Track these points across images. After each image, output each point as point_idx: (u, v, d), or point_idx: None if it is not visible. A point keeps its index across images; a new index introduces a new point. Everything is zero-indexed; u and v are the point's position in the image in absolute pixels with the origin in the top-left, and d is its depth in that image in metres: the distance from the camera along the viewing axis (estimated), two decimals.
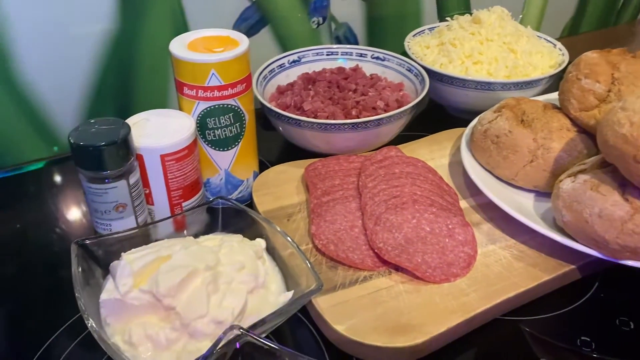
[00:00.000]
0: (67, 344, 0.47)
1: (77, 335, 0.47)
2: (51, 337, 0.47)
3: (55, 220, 0.62)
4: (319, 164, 0.63)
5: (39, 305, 0.51)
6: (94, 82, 0.70)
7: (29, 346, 0.46)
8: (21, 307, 0.51)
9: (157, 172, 0.52)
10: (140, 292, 0.41)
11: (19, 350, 0.46)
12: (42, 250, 0.57)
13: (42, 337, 0.47)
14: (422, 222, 0.53)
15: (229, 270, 0.44)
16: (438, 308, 0.46)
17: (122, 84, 0.72)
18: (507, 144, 0.57)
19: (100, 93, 0.71)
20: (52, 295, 0.52)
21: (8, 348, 0.47)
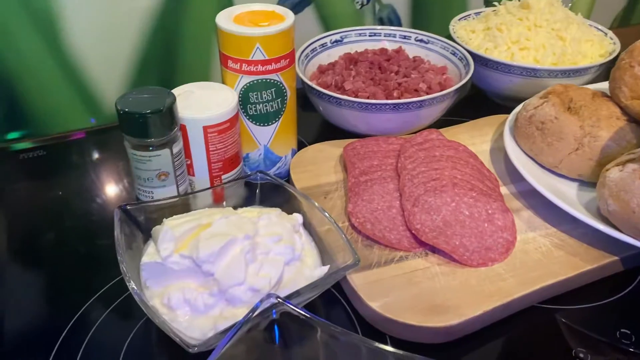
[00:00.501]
0: (103, 309, 0.48)
1: (113, 300, 0.48)
2: (88, 302, 0.48)
3: (96, 189, 0.63)
4: (358, 144, 0.62)
5: (77, 271, 0.52)
6: (139, 54, 0.71)
7: (67, 311, 0.48)
8: (60, 273, 0.52)
9: (199, 144, 0.53)
10: (180, 257, 0.42)
11: (56, 314, 0.47)
12: (82, 218, 0.58)
13: (78, 302, 0.48)
14: (462, 205, 0.53)
15: (267, 241, 0.44)
16: (474, 291, 0.46)
17: (166, 57, 0.73)
18: (553, 130, 0.56)
19: (145, 65, 0.72)
20: (91, 261, 0.53)
21: (47, 311, 0.48)
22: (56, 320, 0.47)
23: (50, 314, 0.48)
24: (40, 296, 0.49)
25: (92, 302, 0.48)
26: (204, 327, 0.41)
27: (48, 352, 0.44)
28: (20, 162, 0.67)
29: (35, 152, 0.69)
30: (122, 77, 0.72)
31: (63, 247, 0.55)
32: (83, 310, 0.48)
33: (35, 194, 0.62)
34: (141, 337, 0.45)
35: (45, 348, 0.44)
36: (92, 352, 0.44)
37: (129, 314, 0.47)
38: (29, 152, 0.69)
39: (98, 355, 0.44)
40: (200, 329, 0.40)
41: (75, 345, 0.44)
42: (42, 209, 0.60)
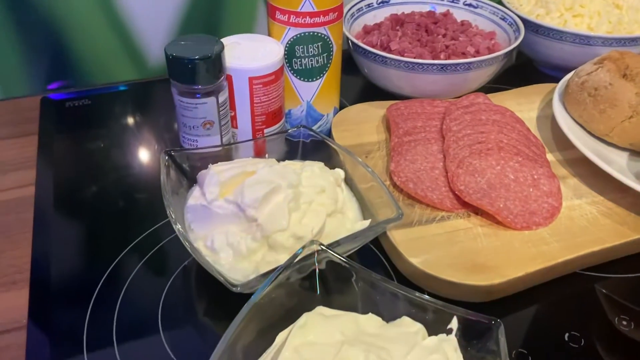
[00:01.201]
0: (141, 256, 0.49)
1: (152, 247, 0.49)
2: (125, 250, 0.49)
3: (138, 141, 0.64)
4: (402, 105, 0.61)
5: (116, 220, 0.53)
6: (185, 6, 0.71)
7: (106, 258, 0.48)
8: (100, 222, 0.52)
9: (243, 95, 0.53)
10: (225, 201, 0.42)
11: (96, 261, 0.48)
12: (123, 169, 0.59)
13: (117, 250, 0.49)
14: (507, 169, 0.52)
15: (309, 191, 0.44)
16: (517, 253, 0.45)
17: (212, 9, 0.73)
18: (606, 97, 0.54)
19: (191, 17, 0.72)
20: (130, 211, 0.54)
21: (87, 258, 0.49)
22: (95, 268, 0.47)
23: (90, 261, 0.48)
24: (81, 243, 0.50)
25: (129, 250, 0.49)
26: (246, 270, 0.41)
27: (89, 295, 0.45)
28: (66, 110, 0.68)
29: (80, 101, 0.70)
30: (167, 29, 0.72)
31: (104, 197, 0.55)
32: (121, 257, 0.48)
33: (79, 143, 0.63)
34: (179, 284, 0.46)
35: (87, 292, 0.45)
36: (131, 296, 0.45)
37: (167, 262, 0.48)
38: (74, 101, 0.70)
39: (138, 298, 0.45)
40: (242, 272, 0.41)
41: (115, 290, 0.45)
42: (85, 159, 0.61)
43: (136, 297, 0.45)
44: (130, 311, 0.44)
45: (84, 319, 0.43)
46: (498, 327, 0.34)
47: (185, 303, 0.45)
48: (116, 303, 0.44)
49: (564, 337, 0.42)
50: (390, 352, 0.32)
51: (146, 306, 0.44)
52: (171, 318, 0.43)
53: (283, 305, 0.38)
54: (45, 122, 0.66)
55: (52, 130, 0.65)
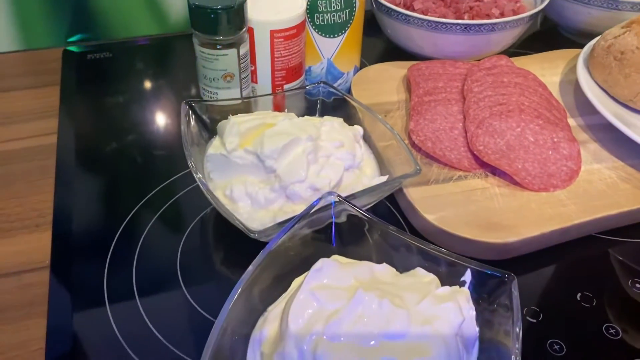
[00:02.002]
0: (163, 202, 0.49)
1: (171, 197, 0.50)
2: (151, 193, 0.50)
3: (158, 94, 0.64)
4: (423, 66, 0.61)
5: (135, 173, 0.53)
6: None
7: (124, 208, 0.49)
8: (119, 174, 0.53)
9: (264, 48, 0.53)
10: (245, 152, 0.43)
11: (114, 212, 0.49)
12: (142, 122, 0.60)
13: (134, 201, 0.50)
14: (527, 131, 0.51)
15: (328, 145, 0.44)
16: (534, 213, 0.45)
17: None
18: (632, 61, 0.53)
19: None
20: (149, 162, 0.55)
21: (107, 206, 0.50)
22: (115, 216, 0.48)
23: (110, 209, 0.49)
24: (101, 192, 0.51)
25: (147, 200, 0.50)
26: (264, 219, 0.42)
27: (110, 241, 0.46)
28: (87, 62, 0.69)
29: (102, 53, 0.70)
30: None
31: (124, 148, 0.56)
32: (140, 206, 0.49)
33: (100, 94, 0.63)
34: (197, 234, 0.47)
35: (107, 238, 0.46)
36: (150, 244, 0.46)
37: (185, 212, 0.49)
38: (95, 54, 0.70)
39: (156, 247, 0.46)
40: (260, 221, 0.42)
41: (134, 238, 0.46)
42: (106, 110, 0.61)
43: (154, 245, 0.46)
44: (149, 259, 0.45)
45: (104, 263, 0.44)
46: (512, 281, 0.35)
47: (203, 253, 0.46)
48: (135, 250, 0.45)
49: (576, 296, 0.43)
50: (403, 298, 0.32)
51: (165, 254, 0.45)
52: (189, 266, 0.44)
53: (299, 255, 0.38)
54: (67, 74, 0.67)
55: (74, 81, 0.65)
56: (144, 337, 0.39)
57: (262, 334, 0.33)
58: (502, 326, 0.34)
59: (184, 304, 0.41)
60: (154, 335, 0.39)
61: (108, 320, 0.40)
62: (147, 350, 0.38)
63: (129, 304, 0.41)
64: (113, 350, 0.38)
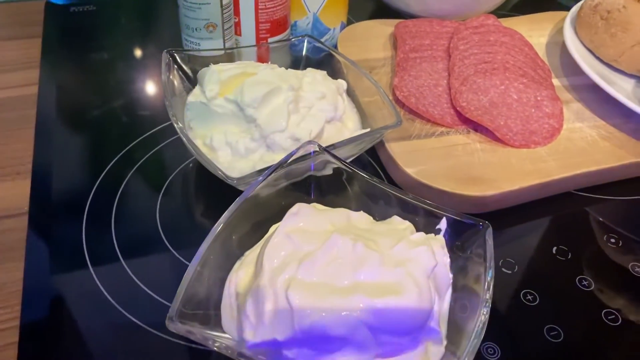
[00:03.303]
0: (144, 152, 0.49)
1: (157, 144, 0.50)
2: (130, 145, 0.50)
3: (141, 46, 0.63)
4: (411, 23, 0.60)
5: (117, 123, 0.53)
6: None
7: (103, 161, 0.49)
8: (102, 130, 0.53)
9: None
10: (225, 100, 0.42)
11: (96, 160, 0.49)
12: (124, 75, 0.59)
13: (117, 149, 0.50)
14: (511, 89, 0.51)
15: (310, 96, 0.44)
16: (513, 169, 0.46)
17: None
18: (619, 20, 0.53)
19: None
20: (130, 114, 0.54)
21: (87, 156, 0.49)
22: (95, 167, 0.48)
23: (89, 160, 0.49)
24: (82, 143, 0.50)
25: (127, 151, 0.49)
26: (244, 169, 0.42)
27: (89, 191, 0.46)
28: (70, 15, 0.68)
29: (85, 6, 0.69)
30: None
31: (105, 101, 0.55)
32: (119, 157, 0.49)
33: (82, 47, 0.62)
34: (177, 185, 0.47)
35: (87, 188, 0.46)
36: (129, 196, 0.46)
37: (165, 164, 0.48)
38: (79, 6, 0.69)
39: (136, 198, 0.46)
40: (240, 170, 0.41)
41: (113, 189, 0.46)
42: (88, 63, 0.60)
43: (134, 195, 0.46)
44: (129, 208, 0.45)
45: (83, 212, 0.44)
46: (486, 229, 0.35)
47: (183, 203, 0.45)
48: (114, 200, 0.45)
49: (552, 250, 0.43)
50: (377, 243, 0.33)
51: (144, 205, 0.45)
52: (169, 216, 0.44)
53: (278, 204, 0.38)
54: (49, 26, 0.66)
55: (56, 34, 0.64)
56: (123, 283, 0.39)
57: (238, 276, 0.34)
58: (475, 274, 0.35)
59: (165, 253, 0.41)
60: (133, 282, 0.39)
61: (87, 267, 0.40)
62: (127, 296, 0.38)
63: (108, 253, 0.41)
64: (92, 296, 0.38)
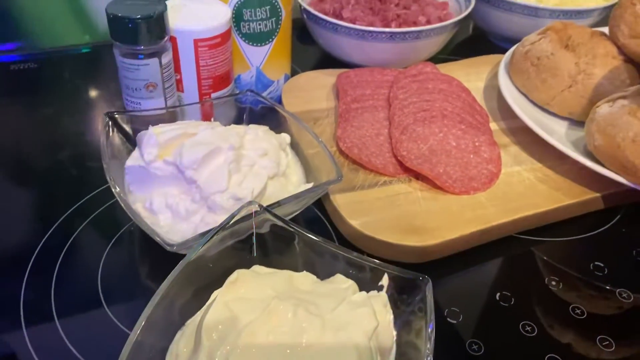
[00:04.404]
0: (87, 215, 0.48)
1: (98, 207, 0.49)
2: (72, 208, 0.49)
3: (88, 105, 0.63)
4: (352, 73, 0.62)
5: (63, 185, 0.52)
6: None
7: (48, 220, 0.48)
8: (47, 187, 0.52)
9: (189, 57, 0.52)
10: (164, 163, 0.42)
11: (37, 224, 0.48)
12: (67, 134, 0.58)
13: (63, 209, 0.49)
14: (449, 136, 0.53)
15: (251, 154, 0.44)
16: (454, 216, 0.47)
17: None
18: (548, 66, 0.55)
19: None
20: (76, 175, 0.53)
21: (28, 222, 0.48)
22: (35, 231, 0.47)
23: (30, 224, 0.48)
24: (22, 206, 0.49)
25: (74, 210, 0.49)
26: (185, 232, 0.41)
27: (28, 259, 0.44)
28: (11, 73, 0.67)
29: (27, 64, 0.68)
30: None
31: (48, 161, 0.54)
32: (62, 219, 0.48)
33: (24, 106, 0.61)
34: (122, 244, 0.46)
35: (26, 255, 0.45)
36: (73, 255, 0.45)
37: (109, 225, 0.48)
38: (20, 64, 0.68)
39: (78, 263, 0.45)
40: (181, 233, 0.41)
41: (54, 254, 0.45)
42: (29, 122, 0.59)
43: (76, 258, 0.45)
44: (70, 272, 0.43)
45: (23, 276, 0.42)
46: (426, 284, 0.35)
47: (126, 266, 0.45)
48: (56, 264, 0.44)
49: (496, 296, 0.44)
50: (319, 306, 0.32)
51: (86, 269, 0.44)
52: (111, 281, 0.43)
53: (221, 267, 0.38)
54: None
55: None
56: (59, 352, 0.38)
57: (179, 348, 0.33)
58: (418, 328, 0.35)
59: (103, 317, 0.40)
60: (66, 347, 0.38)
61: (20, 326, 0.38)
62: None
63: (46, 317, 0.40)
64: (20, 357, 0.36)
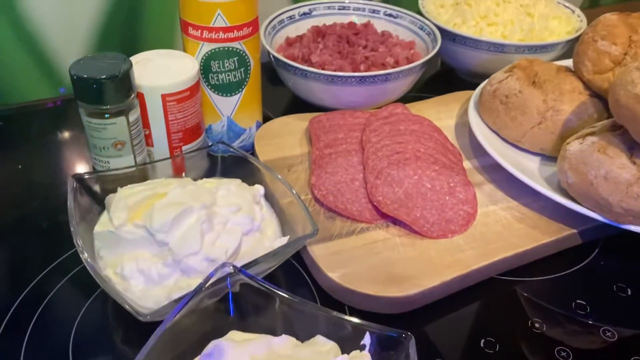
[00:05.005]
0: (57, 281, 0.47)
1: (70, 270, 0.47)
2: (43, 272, 0.47)
3: (56, 161, 0.61)
4: (324, 118, 0.62)
5: (34, 244, 0.51)
6: (100, 21, 0.69)
7: (20, 282, 0.46)
8: (18, 246, 0.50)
9: (157, 113, 0.51)
10: (134, 226, 0.41)
11: (9, 286, 0.46)
12: (40, 192, 0.57)
13: (33, 274, 0.47)
14: (424, 178, 0.53)
15: (224, 211, 0.43)
16: (433, 262, 0.46)
17: (129, 24, 0.71)
18: (516, 104, 0.56)
19: (107, 32, 0.70)
20: (49, 235, 0.52)
21: (5, 279, 0.47)
22: (4, 297, 0.45)
23: (2, 286, 0.46)
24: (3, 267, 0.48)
25: (46, 274, 0.47)
26: (158, 297, 0.40)
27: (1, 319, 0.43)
28: None
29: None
30: (83, 46, 0.69)
31: (15, 223, 0.53)
32: (36, 281, 0.46)
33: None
34: (95, 308, 0.44)
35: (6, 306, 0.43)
36: (45, 321, 0.43)
37: (84, 286, 0.46)
38: None
39: (50, 325, 0.43)
40: (154, 299, 0.40)
41: (29, 314, 0.43)
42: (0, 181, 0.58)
43: (47, 327, 0.43)
44: (41, 343, 0.42)
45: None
46: (409, 340, 0.35)
47: (100, 333, 0.43)
48: (25, 334, 0.42)
49: (480, 343, 0.43)
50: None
51: (58, 338, 0.42)
52: (85, 350, 0.41)
53: (197, 332, 0.37)
54: None
55: None
56: None
57: None
58: None
59: None
60: None
61: None
62: None
63: None
64: None
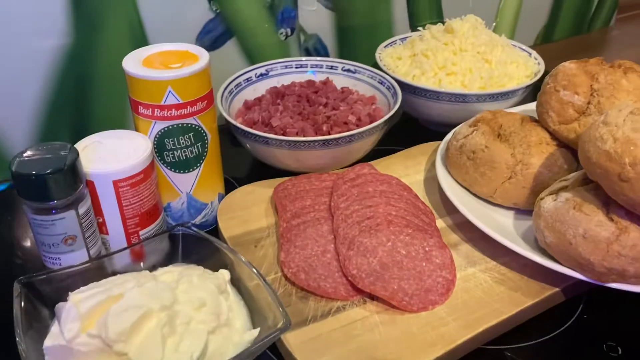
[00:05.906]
0: None
1: None
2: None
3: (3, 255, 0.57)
4: (289, 184, 0.59)
5: None
6: (47, 101, 0.66)
7: None
8: None
9: (110, 200, 0.48)
10: (88, 336, 0.37)
11: None
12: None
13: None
14: (398, 244, 0.50)
15: (187, 309, 0.40)
16: (416, 340, 0.43)
17: (78, 103, 0.67)
18: (484, 160, 0.55)
19: (55, 113, 0.66)
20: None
21: None
22: None
23: None
24: None
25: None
26: None
27: None
28: None
29: None
30: (29, 127, 0.66)
31: None
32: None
33: None
34: None
35: None
36: None
37: None
38: None
39: None
40: None
41: None
42: None
43: None
44: None
45: None
46: None
47: None
48: None
49: None
50: None
51: None
52: None
53: None
54: None
55: None
56: None
57: None
58: None
59: None
60: None
61: None
62: None
63: None
64: None
